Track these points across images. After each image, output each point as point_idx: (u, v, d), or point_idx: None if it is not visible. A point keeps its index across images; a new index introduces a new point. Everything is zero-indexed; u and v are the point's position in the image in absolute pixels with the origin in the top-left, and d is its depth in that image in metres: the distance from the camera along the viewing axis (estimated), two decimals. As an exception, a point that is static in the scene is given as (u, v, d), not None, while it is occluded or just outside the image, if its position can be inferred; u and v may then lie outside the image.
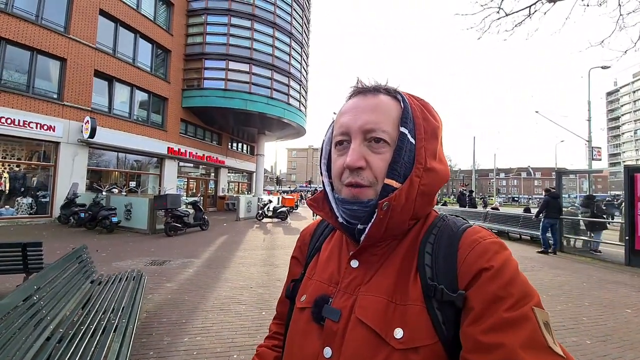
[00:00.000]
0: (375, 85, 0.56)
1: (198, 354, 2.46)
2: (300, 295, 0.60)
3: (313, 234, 0.71)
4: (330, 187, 0.59)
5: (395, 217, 0.50)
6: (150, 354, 2.43)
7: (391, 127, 0.52)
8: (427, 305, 0.46)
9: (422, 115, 0.54)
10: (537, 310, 0.42)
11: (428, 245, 0.51)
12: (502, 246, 0.48)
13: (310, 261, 0.65)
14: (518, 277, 0.44)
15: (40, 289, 2.09)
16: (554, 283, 4.82)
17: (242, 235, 9.29)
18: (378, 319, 0.47)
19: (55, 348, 1.88)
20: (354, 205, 0.52)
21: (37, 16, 10.51)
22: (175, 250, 6.61)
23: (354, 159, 0.50)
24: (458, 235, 0.51)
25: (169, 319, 3.13)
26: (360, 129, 0.52)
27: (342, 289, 0.54)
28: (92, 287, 2.94)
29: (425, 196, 0.53)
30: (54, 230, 8.79)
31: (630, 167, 6.58)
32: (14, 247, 3.44)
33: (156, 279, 4.44)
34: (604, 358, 2.67)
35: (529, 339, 0.39)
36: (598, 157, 19.90)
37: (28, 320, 1.85)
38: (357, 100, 0.55)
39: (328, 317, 0.51)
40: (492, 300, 0.42)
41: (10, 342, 1.62)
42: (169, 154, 15.39)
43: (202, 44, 16.59)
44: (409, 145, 0.52)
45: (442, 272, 0.48)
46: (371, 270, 0.53)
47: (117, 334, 2.03)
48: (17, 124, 9.68)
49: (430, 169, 0.52)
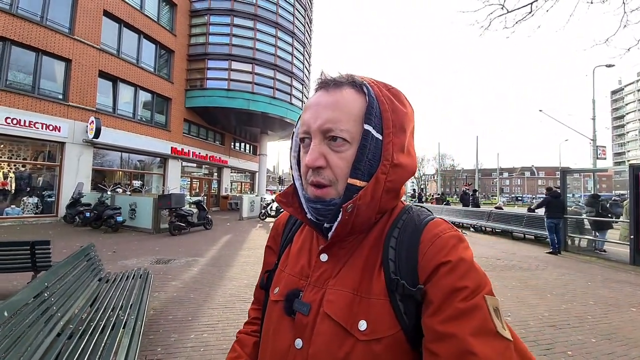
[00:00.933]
0: (338, 78, 0.54)
1: (205, 350, 2.49)
2: (273, 287, 0.61)
3: (286, 224, 0.72)
4: (300, 181, 0.59)
5: (361, 216, 0.51)
6: (158, 350, 2.47)
7: (352, 125, 0.51)
8: (390, 298, 0.48)
9: (392, 107, 0.53)
10: (488, 297, 0.45)
11: (392, 239, 0.52)
12: (460, 239, 0.50)
13: (283, 252, 0.66)
14: (473, 269, 0.47)
15: (50, 286, 2.13)
16: (558, 282, 4.80)
17: (246, 234, 9.33)
18: (343, 313, 0.49)
19: (66, 344, 1.92)
20: (317, 204, 0.53)
21: (42, 17, 10.61)
22: (179, 249, 6.66)
23: (313, 158, 0.50)
24: (420, 229, 0.52)
25: (175, 316, 3.17)
26: (319, 128, 0.51)
27: (312, 282, 0.55)
28: (100, 285, 2.98)
29: (391, 192, 0.53)
30: (60, 230, 8.87)
31: (635, 165, 6.53)
32: (22, 246, 3.50)
33: (162, 278, 4.48)
34: (609, 356, 2.66)
35: (479, 326, 0.42)
36: (603, 156, 19.77)
37: (39, 317, 1.88)
38: (320, 96, 0.53)
39: (298, 311, 0.53)
40: (449, 293, 0.44)
41: (22, 338, 1.66)
42: (172, 153, 15.48)
43: (205, 44, 16.66)
44: (374, 142, 0.51)
45: (404, 266, 0.49)
46: (339, 263, 0.55)
47: (126, 330, 2.07)
48: (23, 124, 9.79)
49: (397, 164, 0.52)
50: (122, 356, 1.76)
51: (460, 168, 70.45)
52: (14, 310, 1.69)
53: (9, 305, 1.65)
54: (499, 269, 5.57)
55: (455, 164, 71.15)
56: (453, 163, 70.84)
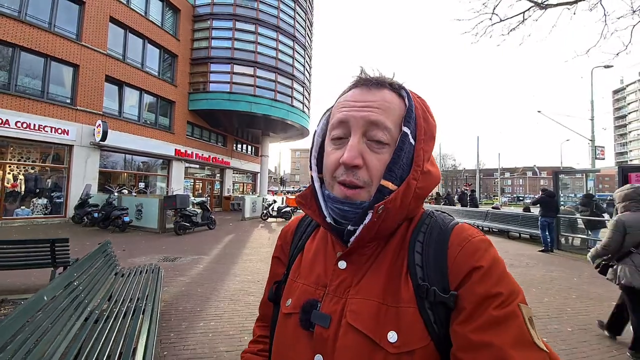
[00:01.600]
0: (380, 78, 0.52)
1: (213, 336, 2.77)
2: (285, 299, 0.58)
3: (295, 232, 0.68)
4: (319, 182, 0.56)
5: (389, 220, 0.49)
6: (171, 336, 2.75)
7: (393, 126, 0.50)
8: (419, 306, 0.46)
9: (424, 115, 0.52)
10: (523, 306, 0.43)
11: (417, 244, 0.51)
12: (490, 244, 0.49)
13: (294, 261, 0.62)
14: (506, 274, 0.45)
15: (77, 277, 2.41)
16: (545, 278, 5.05)
17: (248, 234, 9.61)
18: (370, 323, 0.46)
19: (92, 327, 2.20)
20: (345, 205, 0.50)
21: (50, 24, 10.95)
22: (185, 248, 6.95)
23: (352, 155, 0.48)
24: (447, 234, 0.50)
25: (184, 307, 3.45)
26: (362, 124, 0.49)
27: (331, 292, 0.52)
28: (116, 278, 3.27)
29: (419, 199, 0.52)
30: (69, 230, 9.19)
31: (624, 166, 6.75)
32: (43, 244, 3.79)
33: (170, 274, 4.77)
34: (582, 343, 2.90)
35: (517, 336, 0.40)
36: (601, 156, 19.92)
37: (70, 303, 2.16)
38: (360, 93, 0.51)
39: (318, 324, 0.50)
40: (482, 299, 0.43)
41: (57, 320, 1.94)
42: (176, 155, 15.81)
43: (208, 48, 17.00)
44: (409, 146, 0.50)
45: (433, 271, 0.47)
46: (360, 271, 0.52)
47: (145, 316, 2.34)
48: (33, 128, 10.12)
49: (427, 172, 0.51)
50: (143, 338, 2.04)
51: (462, 168, 70.54)
52: (51, 297, 1.97)
53: (48, 291, 1.93)
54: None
55: (456, 164, 71.28)
56: (454, 163, 70.99)
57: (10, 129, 9.66)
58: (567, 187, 13.14)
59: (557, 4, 4.66)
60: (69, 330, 2.02)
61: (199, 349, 2.56)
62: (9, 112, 9.65)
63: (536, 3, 4.87)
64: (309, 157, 0.60)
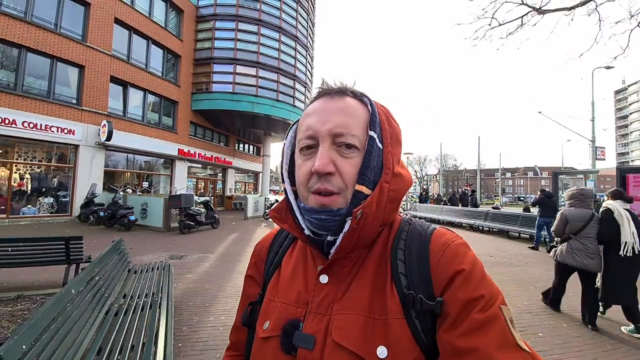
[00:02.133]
0: (341, 87, 0.53)
1: (223, 329, 2.91)
2: (261, 321, 0.54)
3: (270, 248, 0.64)
4: (293, 195, 0.55)
5: (368, 226, 0.48)
6: (184, 329, 2.89)
7: (360, 131, 0.50)
8: (406, 316, 0.45)
9: (387, 120, 0.53)
10: (504, 308, 0.43)
11: (399, 251, 0.50)
12: (467, 246, 0.49)
13: (270, 279, 0.59)
14: (485, 277, 0.46)
15: (97, 272, 2.55)
16: (543, 277, 5.17)
17: (251, 232, 9.76)
18: (358, 340, 0.44)
19: (114, 319, 2.34)
20: (322, 214, 0.49)
21: (56, 25, 11.11)
22: (190, 246, 7.10)
23: (323, 163, 0.47)
24: (427, 239, 0.50)
25: (194, 303, 3.59)
26: (329, 132, 0.49)
27: (313, 309, 0.50)
28: (129, 275, 3.42)
29: (394, 202, 0.51)
30: (75, 228, 9.35)
31: (622, 168, 6.86)
32: (58, 241, 3.93)
33: (178, 271, 4.91)
34: (576, 339, 3.03)
35: (500, 339, 0.41)
36: (602, 156, 19.99)
37: (93, 296, 2.30)
38: (324, 102, 0.52)
39: (301, 346, 0.47)
40: (465, 304, 0.43)
41: (84, 313, 2.08)
42: (179, 155, 15.98)
43: (211, 49, 17.15)
44: (377, 150, 0.50)
45: (417, 279, 0.47)
46: (343, 284, 0.50)
47: (161, 309, 2.48)
48: (39, 128, 10.29)
49: (397, 174, 0.51)
50: (162, 329, 2.18)
51: (463, 168, 70.57)
52: (77, 290, 2.11)
53: (74, 285, 2.07)
54: (490, 264, 5.94)
55: (457, 164, 71.31)
56: (455, 163, 71.02)
57: (17, 129, 9.82)
58: (568, 187, 13.32)
59: (555, 9, 4.77)
60: (94, 321, 2.17)
61: (211, 341, 2.71)
62: (16, 112, 9.82)
63: (534, 8, 4.99)
64: (280, 169, 0.59)
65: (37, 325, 1.46)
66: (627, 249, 3.07)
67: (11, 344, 1.23)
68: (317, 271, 0.53)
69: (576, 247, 3.38)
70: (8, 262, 3.78)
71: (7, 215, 9.85)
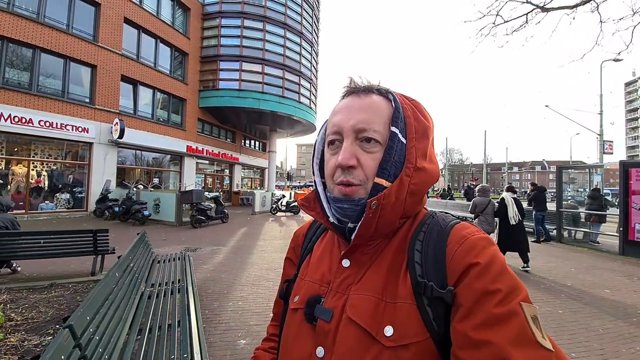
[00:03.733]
0: (367, 86, 0.57)
1: (242, 313, 3.19)
2: (293, 296, 0.61)
3: (306, 235, 0.72)
4: (322, 186, 0.60)
5: (385, 216, 0.51)
6: (206, 312, 3.18)
7: (382, 127, 0.53)
8: (417, 302, 0.47)
9: (414, 115, 0.55)
10: (525, 305, 0.42)
11: (417, 242, 0.52)
12: (490, 242, 0.49)
13: (303, 262, 0.66)
14: (506, 271, 0.45)
15: (131, 261, 2.83)
16: (543, 268, 5.36)
17: (260, 227, 10.07)
18: (368, 318, 0.48)
19: (147, 303, 2.62)
20: (345, 203, 0.53)
21: (68, 26, 11.38)
22: (203, 240, 7.41)
23: (346, 157, 0.51)
24: (446, 232, 0.51)
25: (213, 290, 3.88)
26: (352, 128, 0.52)
27: (334, 288, 0.55)
28: (153, 264, 3.71)
29: (415, 195, 0.53)
30: (92, 223, 9.75)
31: (625, 162, 6.96)
32: (86, 234, 4.24)
33: (194, 262, 5.18)
34: (571, 323, 3.24)
35: (517, 335, 0.40)
36: (609, 150, 19.83)
37: (130, 282, 2.58)
38: (350, 100, 0.56)
39: (320, 317, 0.53)
40: (481, 296, 0.43)
41: (125, 295, 2.35)
42: (188, 152, 16.32)
43: (217, 46, 17.36)
44: (399, 144, 0.52)
45: (432, 268, 0.49)
46: (362, 269, 0.54)
47: (188, 294, 2.75)
48: (55, 126, 10.65)
49: (421, 168, 0.53)
50: (193, 310, 2.44)
51: (469, 162, 70.09)
52: (120, 275, 2.37)
53: (118, 269, 2.34)
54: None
55: (463, 158, 70.85)
56: (461, 157, 70.55)
57: (34, 127, 10.19)
58: (575, 181, 13.29)
59: (558, 7, 4.87)
60: (133, 302, 2.45)
61: (232, 322, 2.98)
62: (32, 111, 10.18)
63: (537, 6, 5.09)
64: (312, 163, 0.64)
65: (95, 302, 1.72)
66: (511, 220, 5.15)
67: (79, 315, 1.48)
68: (340, 255, 0.57)
69: (482, 220, 5.43)
70: (41, 254, 4.11)
71: (26, 211, 10.29)
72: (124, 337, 1.92)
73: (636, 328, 3.11)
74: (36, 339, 2.59)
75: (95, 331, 1.56)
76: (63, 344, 1.20)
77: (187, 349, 1.85)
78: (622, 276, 5.04)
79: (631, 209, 6.65)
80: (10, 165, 10.29)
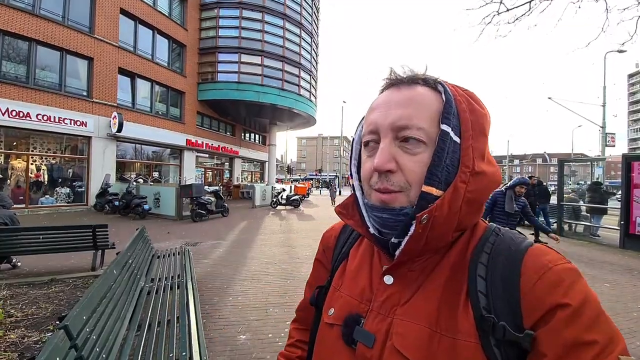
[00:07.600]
0: (411, 75, 0.48)
1: (242, 308, 3.19)
2: (327, 307, 0.55)
3: (339, 237, 0.65)
4: (360, 191, 0.53)
5: (437, 230, 0.43)
6: (205, 307, 3.18)
7: (428, 124, 0.45)
8: (482, 341, 0.39)
9: (469, 107, 0.46)
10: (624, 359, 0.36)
11: (480, 266, 0.44)
12: (578, 274, 0.41)
13: (337, 268, 0.60)
14: (602, 316, 0.38)
15: (130, 256, 2.81)
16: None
17: (260, 221, 10.07)
18: (420, 352, 0.41)
19: (147, 298, 2.61)
20: (384, 212, 0.46)
21: (64, 17, 11.19)
22: (203, 234, 7.42)
23: (383, 160, 0.44)
24: (519, 257, 0.42)
25: (213, 285, 3.88)
26: (390, 126, 0.45)
27: (375, 308, 0.48)
28: (154, 259, 3.70)
29: (473, 204, 0.46)
30: (92, 217, 9.77)
31: (628, 155, 6.91)
32: (85, 229, 4.23)
33: (194, 256, 5.19)
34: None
35: None
36: (612, 143, 19.70)
37: (129, 277, 2.56)
38: (390, 94, 0.48)
39: (360, 342, 0.47)
40: (571, 348, 0.36)
41: (124, 292, 2.34)
42: (187, 145, 16.25)
43: (215, 38, 17.10)
44: (452, 145, 0.44)
45: (500, 302, 0.41)
46: (409, 289, 0.47)
47: (188, 289, 2.75)
48: (53, 120, 10.58)
49: (479, 172, 0.45)
50: (192, 305, 2.43)
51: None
52: (119, 272, 2.36)
53: (116, 266, 2.32)
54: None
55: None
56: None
57: (32, 121, 10.12)
58: (577, 174, 13.29)
59: (564, -5, 4.75)
60: (132, 299, 2.44)
61: (232, 317, 2.99)
62: (29, 105, 10.08)
63: (542, -6, 4.96)
64: (349, 164, 0.57)
65: (92, 300, 1.70)
66: None
67: (75, 314, 1.46)
68: (382, 270, 0.50)
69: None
70: (39, 249, 4.10)
71: (27, 205, 10.30)
72: (122, 335, 1.91)
73: (636, 322, 3.11)
74: (36, 335, 2.59)
75: (93, 330, 1.54)
76: (58, 345, 1.18)
77: (187, 345, 1.84)
78: (622, 270, 5.05)
79: (633, 202, 6.63)
80: (10, 159, 10.25)
